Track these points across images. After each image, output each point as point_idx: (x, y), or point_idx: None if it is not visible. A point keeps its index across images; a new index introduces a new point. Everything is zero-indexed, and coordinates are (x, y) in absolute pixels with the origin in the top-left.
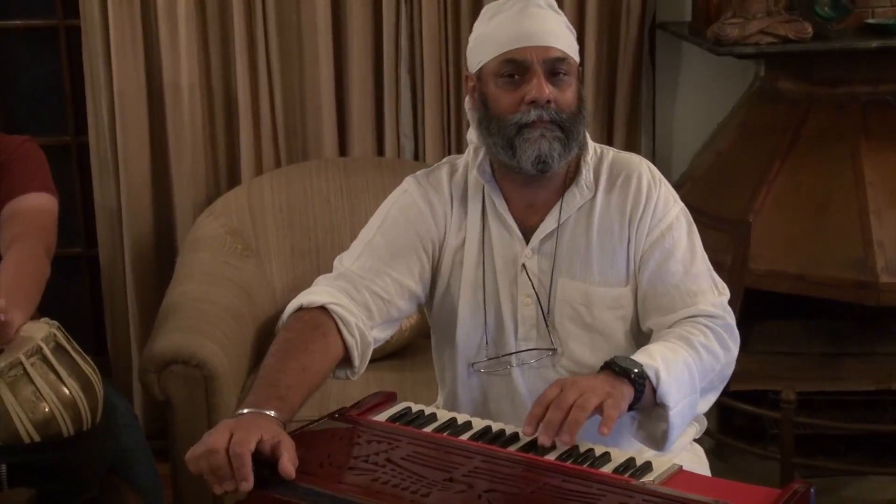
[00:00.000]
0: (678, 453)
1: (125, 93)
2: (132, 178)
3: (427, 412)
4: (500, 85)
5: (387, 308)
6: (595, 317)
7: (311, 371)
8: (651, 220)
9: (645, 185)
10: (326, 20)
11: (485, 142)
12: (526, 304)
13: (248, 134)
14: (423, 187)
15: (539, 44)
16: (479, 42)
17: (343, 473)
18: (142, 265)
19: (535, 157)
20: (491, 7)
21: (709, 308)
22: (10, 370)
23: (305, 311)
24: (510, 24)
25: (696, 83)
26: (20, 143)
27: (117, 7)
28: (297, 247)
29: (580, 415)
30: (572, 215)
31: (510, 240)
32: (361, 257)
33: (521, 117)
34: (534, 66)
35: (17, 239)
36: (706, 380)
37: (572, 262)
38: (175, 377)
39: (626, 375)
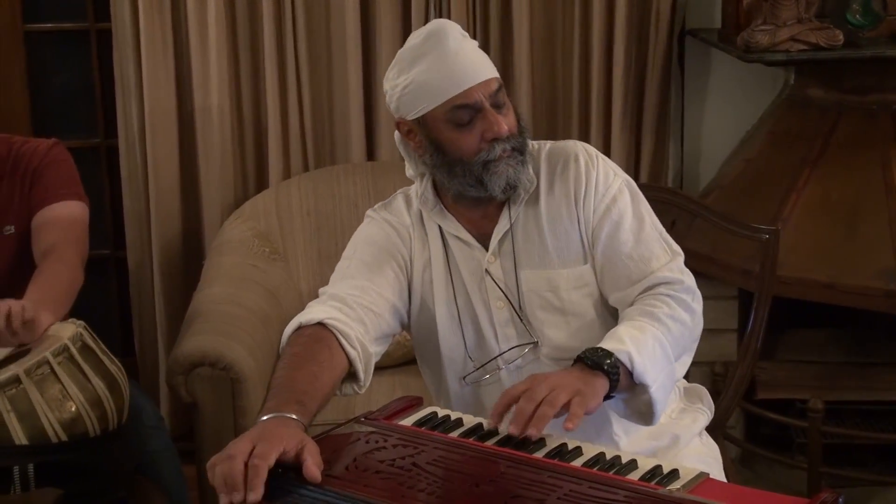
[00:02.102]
0: (688, 444)
1: (155, 97)
2: (161, 180)
3: (453, 417)
4: (454, 129)
5: (378, 322)
6: (563, 299)
7: (321, 380)
8: (595, 196)
9: (583, 164)
10: (355, 24)
11: (448, 183)
12: (499, 307)
13: (277, 138)
14: (383, 214)
15: (478, 80)
16: (411, 90)
17: (369, 477)
18: (170, 267)
19: (504, 184)
20: (407, 52)
21: (665, 274)
22: (38, 369)
23: (305, 328)
24: (441, 69)
25: (726, 90)
26: (50, 148)
27: (148, 10)
28: (324, 250)
29: (549, 410)
30: (521, 211)
31: (470, 251)
32: (344, 280)
33: (487, 155)
34: (483, 105)
35: (52, 250)
36: (678, 346)
37: (530, 253)
38: (202, 379)
39: (599, 368)
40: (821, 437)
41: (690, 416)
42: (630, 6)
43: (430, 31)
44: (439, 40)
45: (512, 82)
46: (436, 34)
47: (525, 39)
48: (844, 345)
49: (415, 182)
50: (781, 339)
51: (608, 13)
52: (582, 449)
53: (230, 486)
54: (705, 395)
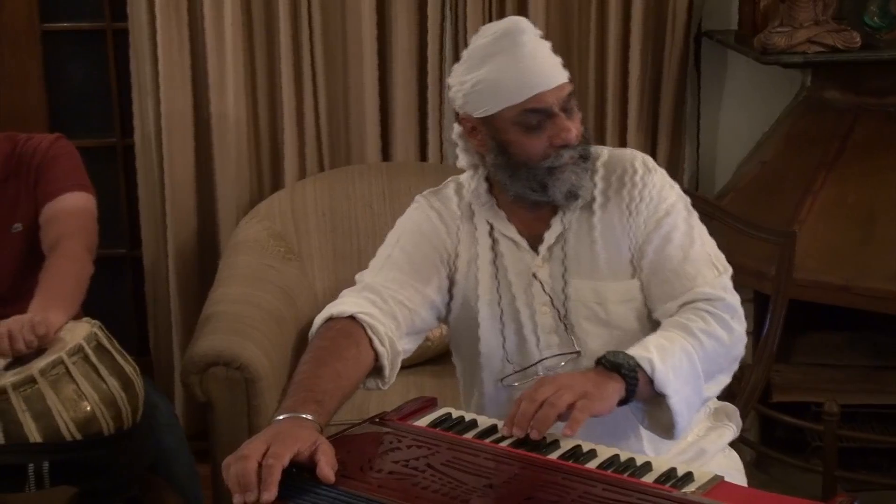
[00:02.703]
0: (713, 457)
1: (171, 96)
2: (177, 180)
3: (467, 418)
4: (522, 133)
5: (412, 318)
6: (610, 312)
7: (345, 377)
8: (647, 209)
9: (639, 175)
10: (371, 25)
11: (509, 185)
12: (543, 312)
13: (292, 138)
14: (432, 203)
15: (552, 85)
16: (480, 89)
17: (383, 478)
18: (185, 267)
19: (567, 191)
20: (479, 49)
21: (707, 290)
22: (53, 369)
23: (336, 321)
24: (514, 70)
25: (742, 92)
26: (52, 143)
27: (164, 10)
28: (339, 250)
29: (550, 411)
30: (574, 217)
31: (519, 253)
32: (383, 270)
33: (553, 161)
34: (554, 110)
35: (59, 241)
36: (712, 363)
37: (581, 262)
38: (216, 379)
39: (617, 371)
40: (836, 440)
41: (717, 433)
42: (646, 8)
43: (504, 28)
44: (514, 39)
45: None
46: (511, 33)
47: None
48: (860, 348)
49: (465, 172)
50: (797, 342)
51: (624, 15)
52: (596, 451)
53: (243, 486)
54: (735, 413)
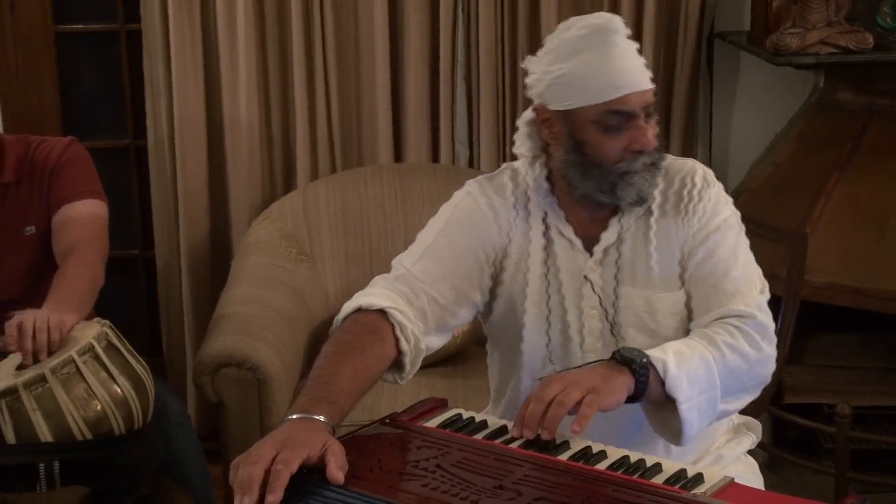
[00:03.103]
0: (731, 464)
1: (184, 98)
2: (189, 181)
3: (478, 419)
4: (601, 133)
5: (443, 315)
6: (659, 323)
7: (364, 376)
8: (700, 220)
9: (697, 187)
10: (383, 26)
11: (578, 183)
12: (591, 315)
13: (305, 139)
14: (486, 192)
15: (638, 89)
16: (564, 82)
17: (393, 478)
18: (197, 268)
19: (635, 196)
20: (568, 41)
21: (741, 307)
22: (63, 368)
23: (364, 313)
24: (604, 69)
25: (755, 93)
26: (66, 147)
27: (177, 12)
28: (351, 252)
29: (559, 411)
30: (632, 223)
31: (573, 252)
32: (422, 260)
33: (628, 166)
34: (637, 114)
35: (73, 248)
36: (732, 378)
37: (634, 269)
38: (228, 380)
39: (628, 365)
40: (848, 442)
41: (735, 441)
42: (659, 8)
43: (597, 24)
44: (607, 37)
45: None
46: (604, 30)
47: None
48: (873, 350)
49: (521, 160)
50: (809, 343)
51: (637, 15)
52: (606, 452)
53: (245, 489)
54: (757, 427)
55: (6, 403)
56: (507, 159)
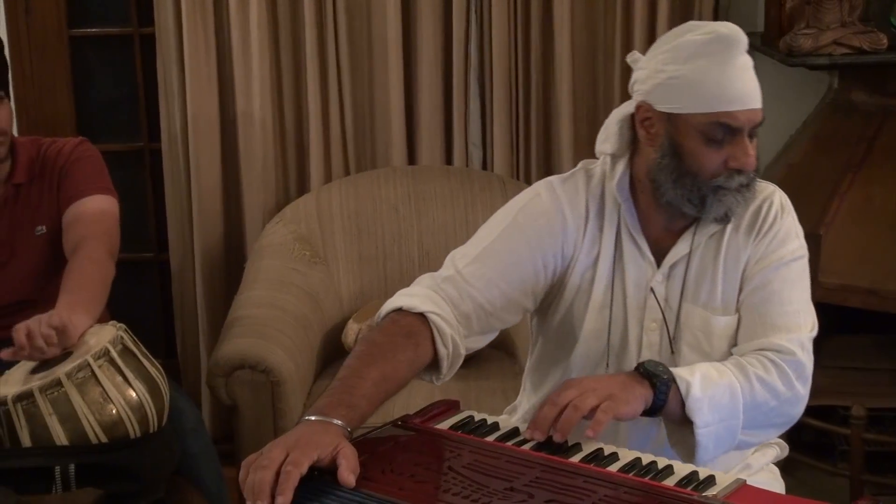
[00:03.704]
0: (755, 473)
1: (198, 101)
2: (203, 184)
3: (490, 421)
4: (704, 143)
5: (489, 320)
6: (713, 346)
7: (391, 380)
8: (768, 247)
9: (774, 212)
10: (396, 29)
11: (667, 188)
12: (651, 328)
13: (318, 141)
14: (557, 196)
15: (750, 107)
16: (677, 83)
17: (404, 480)
18: (211, 270)
19: (723, 213)
20: (688, 44)
21: (782, 342)
22: (79, 372)
23: (403, 314)
24: (720, 79)
25: (768, 94)
26: (75, 146)
27: (191, 15)
28: (364, 254)
29: (573, 414)
30: (703, 241)
31: (641, 262)
32: (476, 262)
33: (724, 182)
34: (743, 131)
35: (80, 243)
36: (758, 412)
37: (699, 288)
38: (242, 382)
39: (650, 378)
40: (863, 444)
41: (760, 452)
42: (672, 9)
43: (722, 33)
44: (730, 46)
45: (552, 86)
46: (728, 39)
47: (566, 43)
48: (888, 351)
49: (601, 159)
50: (824, 345)
51: (650, 16)
52: (618, 454)
53: (256, 494)
54: (783, 447)
55: (22, 407)
56: (520, 161)
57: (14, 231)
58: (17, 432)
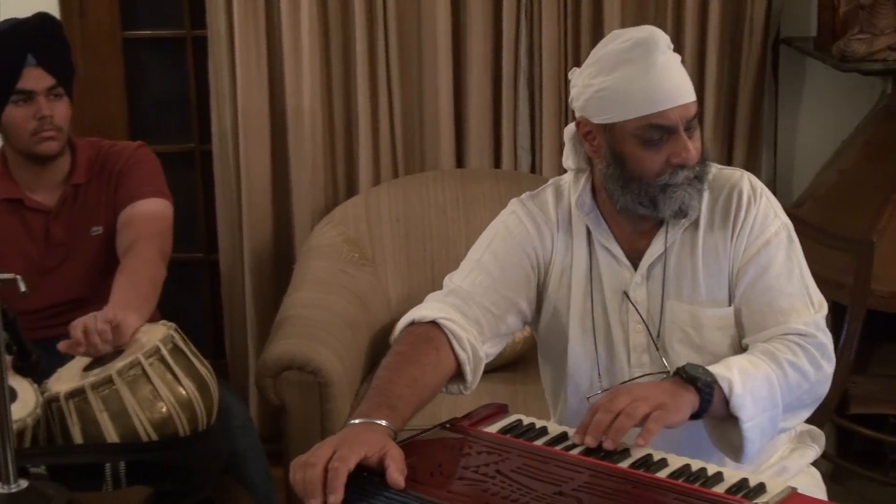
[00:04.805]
0: (794, 476)
1: (248, 103)
2: (253, 185)
3: (538, 425)
4: (641, 147)
5: (496, 323)
6: (705, 338)
7: (421, 383)
8: (749, 236)
9: (745, 199)
10: (446, 33)
11: (618, 196)
12: (637, 331)
13: (367, 144)
14: (528, 209)
15: (679, 103)
16: (605, 95)
17: (453, 483)
18: (260, 271)
19: (677, 208)
20: (609, 55)
21: (800, 326)
22: (130, 370)
23: (417, 325)
24: (645, 83)
25: (821, 100)
26: (134, 150)
27: (243, 19)
28: (412, 257)
29: (626, 422)
30: (678, 237)
31: (618, 268)
32: (472, 274)
33: (668, 179)
34: (678, 128)
35: (133, 244)
36: (792, 397)
37: (680, 284)
38: (290, 383)
39: (693, 383)
40: None
41: (799, 453)
42: (724, 14)
43: (638, 38)
44: (648, 50)
45: None
46: (644, 43)
47: None
48: None
49: (568, 174)
50: (875, 352)
51: (701, 22)
52: (667, 460)
53: (309, 493)
54: (819, 436)
55: (74, 404)
56: None
57: (71, 231)
58: (69, 429)
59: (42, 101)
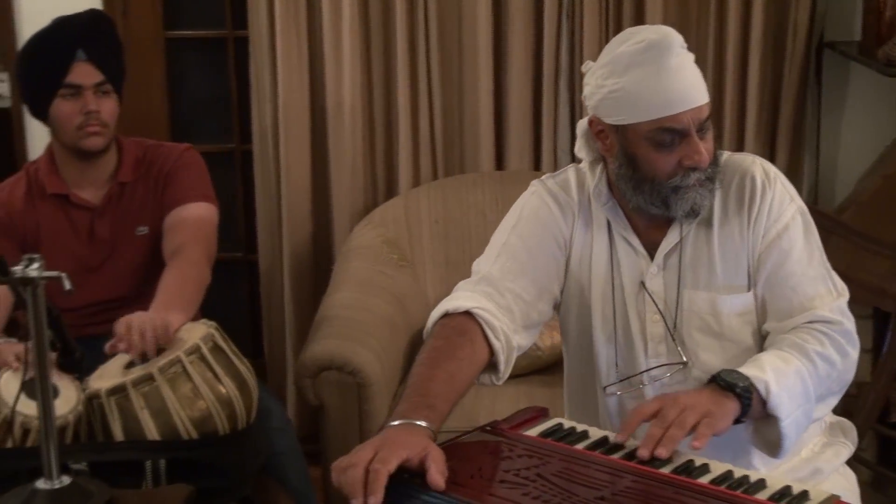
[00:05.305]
0: (828, 477)
1: (289, 103)
2: (293, 186)
3: (579, 429)
4: (654, 149)
5: (528, 311)
6: (723, 325)
7: (458, 378)
8: (766, 221)
9: (759, 184)
10: (487, 34)
11: (630, 196)
12: (654, 321)
13: (407, 146)
14: (550, 188)
15: (692, 106)
16: (618, 97)
17: (493, 486)
18: (299, 271)
19: (688, 208)
20: (622, 56)
21: (826, 313)
22: (171, 367)
23: (451, 317)
24: (657, 86)
25: (864, 104)
26: (182, 152)
27: (284, 19)
28: (451, 258)
29: (678, 433)
30: (693, 226)
31: (635, 258)
32: (499, 259)
33: (680, 181)
34: (690, 131)
35: (181, 247)
36: (823, 387)
37: (697, 272)
38: (329, 383)
39: (731, 390)
40: None
41: (833, 451)
42: (767, 17)
43: (652, 40)
44: (661, 53)
45: None
46: (658, 45)
47: None
48: None
49: (584, 163)
50: None
51: (744, 24)
52: (709, 466)
53: (350, 494)
54: (851, 429)
55: (115, 401)
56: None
57: (116, 229)
58: (109, 425)
59: (89, 96)
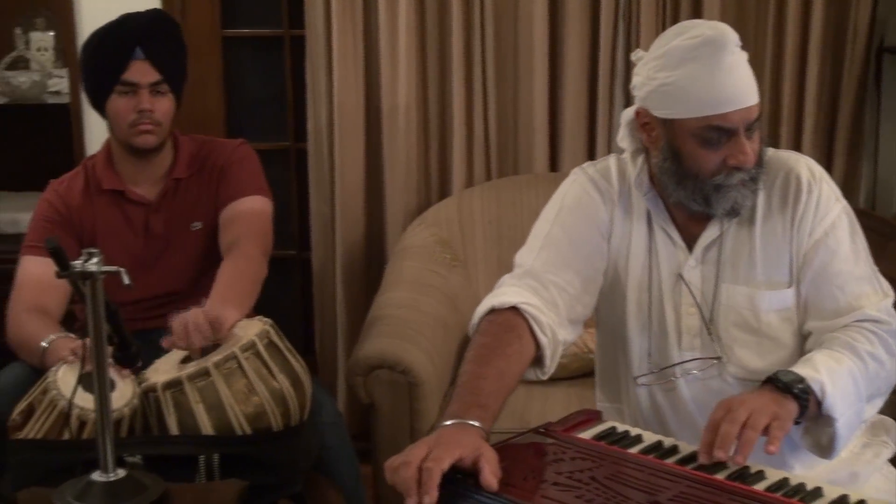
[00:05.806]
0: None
1: (344, 102)
2: (347, 185)
3: (633, 433)
4: (700, 145)
5: (572, 304)
6: (762, 321)
7: (508, 375)
8: (813, 219)
9: (805, 183)
10: (543, 36)
11: (672, 190)
12: (690, 313)
13: (461, 146)
14: (590, 176)
15: (742, 106)
16: (669, 91)
17: (547, 488)
18: (352, 270)
19: (729, 207)
20: (676, 50)
21: (874, 313)
22: (226, 363)
23: (497, 312)
24: (709, 83)
25: None
26: (236, 147)
27: (341, 19)
28: (504, 259)
29: (752, 435)
30: (734, 220)
31: (673, 249)
32: (542, 252)
33: (724, 180)
34: (739, 131)
35: (237, 242)
36: (873, 387)
37: (736, 266)
38: (380, 382)
39: (790, 391)
40: None
41: (873, 451)
42: (826, 21)
43: (708, 36)
44: (716, 50)
45: None
46: (713, 42)
47: None
48: None
49: (626, 154)
50: None
51: (803, 28)
52: (765, 472)
53: (405, 492)
54: (893, 427)
55: (171, 395)
56: None
57: (171, 224)
58: (165, 419)
59: (145, 94)
